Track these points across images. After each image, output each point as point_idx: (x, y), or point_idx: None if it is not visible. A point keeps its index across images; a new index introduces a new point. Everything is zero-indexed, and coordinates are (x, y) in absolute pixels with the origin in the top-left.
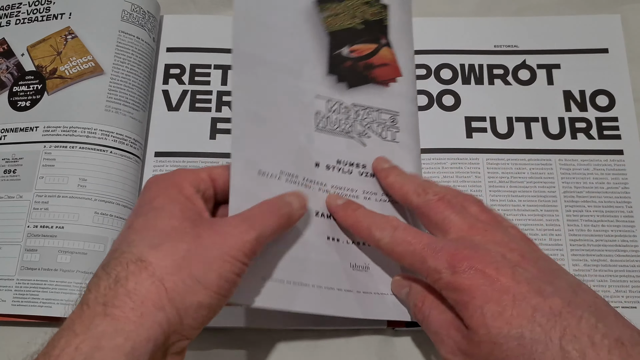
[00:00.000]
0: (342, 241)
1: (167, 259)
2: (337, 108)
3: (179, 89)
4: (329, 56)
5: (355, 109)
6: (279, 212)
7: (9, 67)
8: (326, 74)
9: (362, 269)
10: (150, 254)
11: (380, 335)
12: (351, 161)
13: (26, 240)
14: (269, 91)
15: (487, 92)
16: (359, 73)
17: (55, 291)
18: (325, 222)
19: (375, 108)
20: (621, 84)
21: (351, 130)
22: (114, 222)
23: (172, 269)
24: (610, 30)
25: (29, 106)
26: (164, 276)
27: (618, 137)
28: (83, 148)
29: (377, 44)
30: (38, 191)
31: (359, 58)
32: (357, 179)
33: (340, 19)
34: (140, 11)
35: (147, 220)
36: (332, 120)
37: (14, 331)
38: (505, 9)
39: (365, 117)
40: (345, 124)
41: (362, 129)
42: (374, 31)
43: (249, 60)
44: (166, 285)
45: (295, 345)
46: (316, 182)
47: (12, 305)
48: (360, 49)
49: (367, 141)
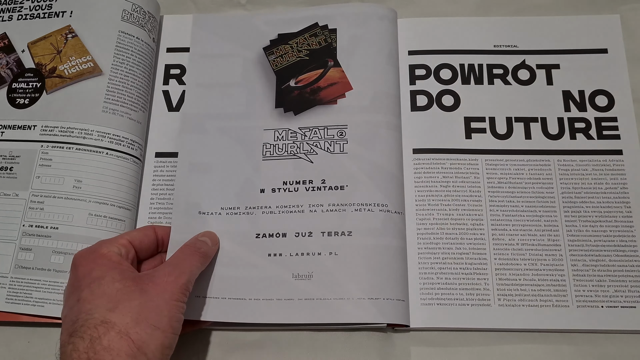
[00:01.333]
0: (285, 255)
1: (126, 316)
2: (285, 135)
3: (179, 89)
4: (276, 92)
5: (302, 131)
6: (199, 252)
7: (9, 62)
8: (273, 108)
9: (305, 277)
10: (112, 316)
11: (380, 335)
12: (297, 180)
13: (21, 238)
14: (215, 141)
15: (487, 92)
16: (305, 99)
17: (48, 291)
18: (266, 241)
19: (322, 126)
20: (620, 84)
21: (298, 151)
22: (107, 223)
23: (133, 323)
24: (609, 30)
25: (27, 104)
26: (128, 330)
27: (617, 137)
28: (79, 149)
29: (323, 68)
30: (34, 190)
31: (306, 85)
32: (303, 194)
33: (286, 57)
34: (140, 11)
35: (92, 290)
36: (280, 146)
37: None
38: (505, 9)
39: (313, 136)
40: (292, 147)
41: (309, 147)
42: (320, 57)
43: (195, 121)
44: (132, 337)
45: (295, 345)
46: (259, 207)
47: (6, 302)
48: (306, 77)
49: (314, 158)
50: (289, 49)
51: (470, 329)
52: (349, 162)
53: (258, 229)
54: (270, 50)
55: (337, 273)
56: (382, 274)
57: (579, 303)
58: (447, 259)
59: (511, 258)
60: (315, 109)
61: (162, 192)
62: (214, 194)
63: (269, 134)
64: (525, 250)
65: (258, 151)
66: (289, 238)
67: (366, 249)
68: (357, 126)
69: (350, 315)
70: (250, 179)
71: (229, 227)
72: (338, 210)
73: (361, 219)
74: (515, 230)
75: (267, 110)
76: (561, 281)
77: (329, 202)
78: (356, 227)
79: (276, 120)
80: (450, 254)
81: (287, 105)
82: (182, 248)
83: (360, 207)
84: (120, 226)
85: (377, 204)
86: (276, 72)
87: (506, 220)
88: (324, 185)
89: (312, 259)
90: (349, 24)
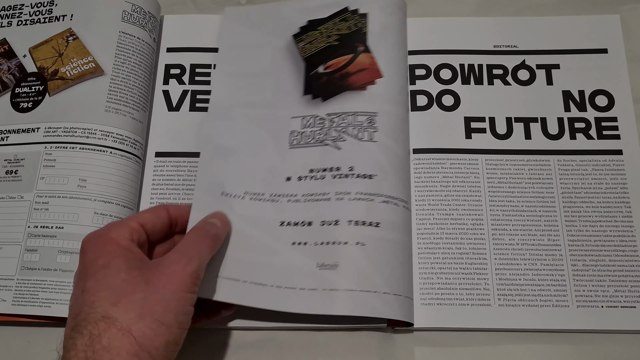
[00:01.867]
0: (310, 244)
1: (129, 312)
2: (312, 122)
3: (179, 89)
4: (305, 78)
5: (330, 117)
6: (209, 235)
7: (10, 68)
8: (302, 95)
9: (330, 267)
10: (114, 311)
11: (380, 334)
12: (324, 167)
13: (26, 240)
14: (241, 128)
15: (487, 92)
16: (334, 85)
17: (55, 291)
18: (290, 229)
19: (351, 112)
20: (620, 84)
21: (325, 138)
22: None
23: (135, 319)
24: (609, 30)
25: (30, 107)
26: (131, 326)
27: (617, 137)
28: (83, 149)
29: (353, 54)
30: (39, 192)
31: (334, 71)
32: (329, 182)
33: (315, 44)
34: (140, 12)
35: (97, 280)
36: (307, 134)
37: (14, 331)
38: (504, 9)
39: (341, 123)
40: (319, 134)
41: (337, 134)
42: (350, 42)
43: (222, 108)
44: (134, 334)
45: (295, 345)
46: (285, 195)
47: (12, 305)
48: (335, 63)
49: (342, 144)
50: (318, 35)
51: (470, 329)
52: (378, 152)
53: (282, 216)
54: (299, 37)
55: (364, 264)
56: (403, 270)
57: (579, 303)
58: (447, 259)
59: (511, 258)
60: (344, 95)
61: (161, 192)
62: (238, 177)
63: (297, 122)
64: (525, 250)
65: (285, 139)
66: (314, 227)
67: (392, 243)
68: (386, 115)
69: (375, 309)
70: (276, 166)
71: (253, 213)
72: (366, 200)
73: (388, 212)
74: (515, 230)
75: (295, 97)
76: (561, 281)
77: (357, 191)
78: (384, 219)
79: (304, 107)
80: (450, 254)
81: (315, 92)
82: (191, 232)
83: (388, 199)
84: None
85: (401, 199)
86: (305, 59)
87: (506, 220)
88: (352, 173)
89: (338, 249)
90: (380, 9)
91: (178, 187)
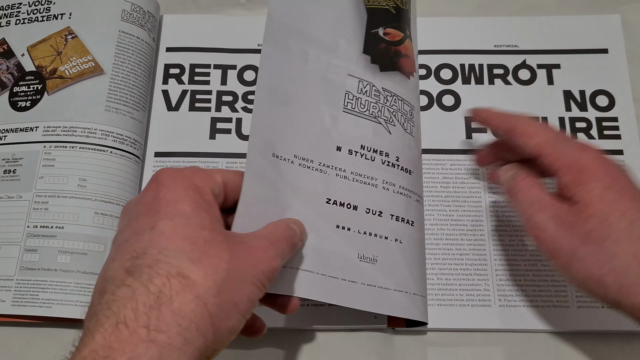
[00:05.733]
0: (353, 230)
1: (209, 278)
2: (369, 90)
3: (179, 89)
4: (366, 34)
5: (385, 93)
6: (292, 240)
7: (9, 67)
8: (361, 52)
9: (370, 260)
10: (192, 271)
11: (380, 335)
12: (375, 148)
13: (26, 240)
14: (298, 67)
15: (487, 92)
16: (390, 58)
17: (55, 291)
18: (336, 209)
19: (401, 97)
20: (621, 84)
21: (380, 115)
22: (114, 222)
23: (215, 291)
24: (610, 30)
25: (29, 106)
26: (208, 298)
27: (618, 137)
28: (83, 148)
29: (404, 33)
30: (38, 191)
31: (392, 43)
32: (379, 167)
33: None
34: (140, 11)
35: (175, 223)
36: (362, 102)
37: (14, 331)
38: (505, 8)
39: (393, 104)
40: (374, 107)
41: (389, 115)
42: (403, 20)
43: (281, 30)
44: (209, 308)
45: (295, 345)
46: (333, 167)
47: (12, 305)
48: (393, 34)
49: (392, 129)
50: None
51: (470, 329)
52: (415, 147)
53: (330, 193)
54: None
55: (400, 262)
56: (424, 271)
57: (579, 303)
58: (447, 259)
59: (511, 258)
60: (397, 75)
61: None
62: (290, 135)
63: (353, 82)
64: (525, 250)
65: (339, 98)
66: (359, 212)
67: (421, 244)
68: (417, 112)
69: (408, 310)
70: (328, 129)
71: (301, 183)
72: (406, 196)
73: (419, 211)
74: (515, 230)
75: (354, 51)
76: (561, 281)
77: (401, 184)
78: (417, 218)
79: (362, 69)
80: (451, 254)
81: (375, 56)
82: (276, 225)
83: (419, 198)
84: None
85: (422, 200)
86: (368, 10)
87: (506, 221)
88: (398, 164)
89: (378, 242)
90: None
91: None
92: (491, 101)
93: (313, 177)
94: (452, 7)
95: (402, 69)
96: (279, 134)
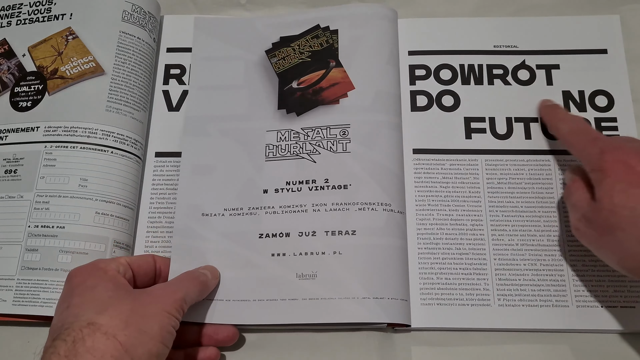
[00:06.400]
0: (288, 254)
1: (115, 318)
2: (287, 135)
3: (179, 89)
4: (279, 93)
5: (304, 132)
6: (198, 280)
7: (10, 67)
8: (276, 109)
9: (309, 277)
10: (99, 318)
11: (380, 334)
12: (300, 179)
13: (27, 240)
14: (217, 143)
15: (487, 92)
16: (308, 99)
17: (56, 291)
18: (270, 241)
19: (324, 126)
20: (620, 85)
21: (301, 151)
22: (114, 222)
23: (121, 325)
24: (609, 30)
25: (30, 106)
26: (116, 332)
27: None
28: (84, 148)
29: (325, 69)
30: (39, 191)
31: (308, 86)
32: (306, 194)
33: (288, 60)
34: (140, 12)
35: (83, 297)
36: (282, 147)
37: (14, 331)
38: (504, 9)
39: (316, 136)
40: (295, 147)
41: (312, 147)
42: (322, 58)
43: (197, 123)
44: (119, 339)
45: (295, 345)
46: (262, 207)
47: (13, 305)
48: (308, 79)
49: (317, 158)
50: (291, 51)
51: (470, 329)
52: (352, 162)
53: (261, 229)
54: (272, 52)
55: (341, 272)
56: (385, 273)
57: (579, 303)
58: (447, 259)
59: (511, 258)
60: (318, 109)
61: (161, 192)
62: (216, 196)
63: (272, 135)
64: (524, 250)
65: (261, 152)
66: (292, 238)
67: (370, 248)
68: (359, 125)
69: (355, 315)
70: (253, 179)
71: (232, 228)
72: (342, 210)
73: (365, 218)
74: (515, 230)
75: (269, 111)
76: (561, 281)
77: (333, 202)
78: (360, 226)
79: (278, 122)
80: (450, 254)
81: (289, 107)
82: (181, 275)
83: (364, 206)
84: (125, 225)
85: (380, 203)
86: (278, 74)
87: (506, 221)
88: (327, 185)
89: (316, 259)
90: (350, 24)
91: (177, 187)
92: (490, 102)
93: (243, 220)
94: (452, 8)
95: (325, 101)
96: (206, 197)
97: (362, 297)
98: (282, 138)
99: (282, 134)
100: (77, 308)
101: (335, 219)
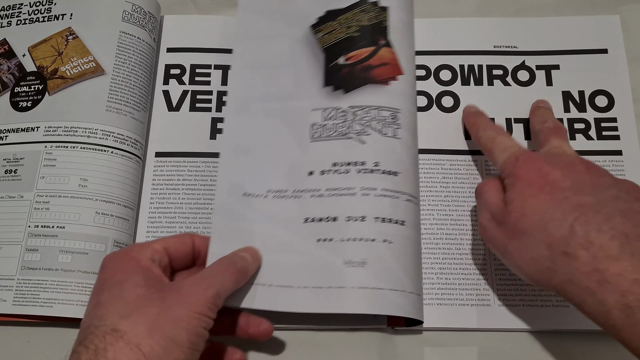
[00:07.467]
0: (336, 240)
1: (139, 326)
2: (334, 114)
3: (179, 89)
4: (325, 70)
5: (352, 110)
6: (235, 267)
7: (10, 67)
8: (322, 87)
9: (358, 264)
10: (123, 324)
11: (380, 334)
12: (348, 161)
13: (27, 240)
14: (260, 123)
15: (486, 93)
16: (356, 77)
17: (56, 291)
18: (315, 225)
19: (375, 106)
20: (620, 85)
21: (348, 131)
22: (115, 222)
23: (146, 334)
24: (609, 31)
25: (30, 106)
26: (140, 341)
27: (617, 138)
28: (84, 148)
29: (374, 47)
30: (39, 191)
31: (356, 63)
32: (354, 177)
33: (334, 34)
34: (141, 12)
35: (112, 294)
36: (328, 127)
37: (14, 331)
38: (504, 9)
39: (364, 116)
40: (342, 127)
41: (360, 127)
42: (371, 35)
43: (240, 102)
44: (143, 349)
45: (295, 345)
46: (307, 190)
47: (13, 305)
48: (356, 55)
49: (366, 139)
50: (337, 25)
51: (470, 329)
52: (401, 149)
53: (307, 213)
54: (317, 27)
55: (392, 263)
56: (420, 270)
57: None
58: (447, 259)
59: None
60: (367, 88)
61: (162, 192)
62: (259, 175)
63: (317, 114)
64: None
65: (306, 133)
66: (339, 222)
67: (414, 243)
68: (407, 113)
69: (405, 309)
70: (298, 161)
71: (276, 211)
72: (392, 197)
73: (410, 210)
74: None
75: (315, 89)
76: None
77: (383, 187)
78: (408, 217)
79: (325, 99)
80: (450, 254)
81: (336, 84)
82: (218, 261)
83: (410, 198)
84: (125, 225)
85: (417, 198)
86: (324, 49)
87: None
88: (378, 169)
89: (365, 245)
90: (399, 5)
91: (178, 187)
92: (490, 103)
93: (288, 203)
94: (452, 8)
95: (375, 79)
96: (248, 176)
97: (409, 291)
98: (328, 117)
99: (329, 112)
100: (104, 308)
101: (385, 205)
